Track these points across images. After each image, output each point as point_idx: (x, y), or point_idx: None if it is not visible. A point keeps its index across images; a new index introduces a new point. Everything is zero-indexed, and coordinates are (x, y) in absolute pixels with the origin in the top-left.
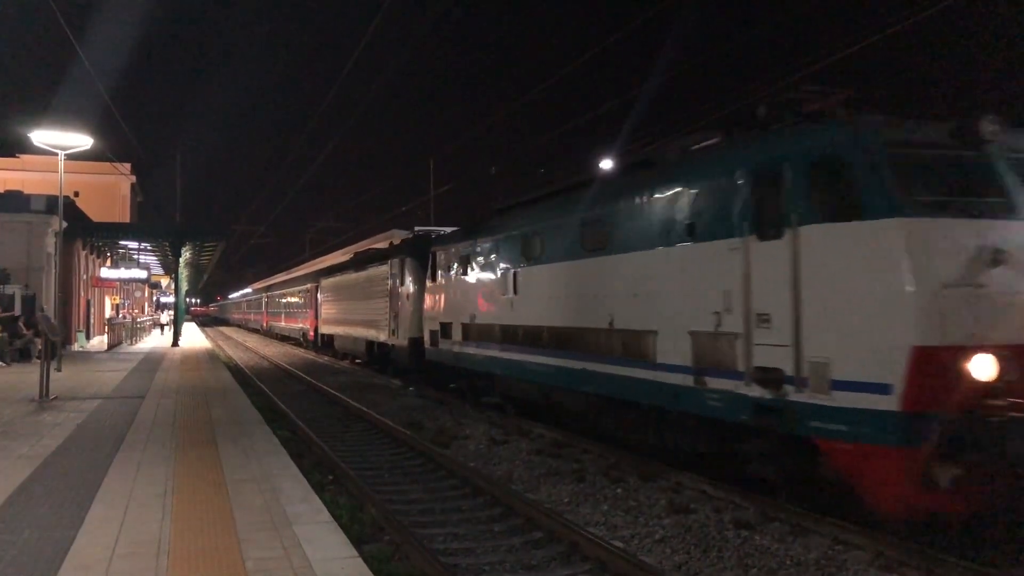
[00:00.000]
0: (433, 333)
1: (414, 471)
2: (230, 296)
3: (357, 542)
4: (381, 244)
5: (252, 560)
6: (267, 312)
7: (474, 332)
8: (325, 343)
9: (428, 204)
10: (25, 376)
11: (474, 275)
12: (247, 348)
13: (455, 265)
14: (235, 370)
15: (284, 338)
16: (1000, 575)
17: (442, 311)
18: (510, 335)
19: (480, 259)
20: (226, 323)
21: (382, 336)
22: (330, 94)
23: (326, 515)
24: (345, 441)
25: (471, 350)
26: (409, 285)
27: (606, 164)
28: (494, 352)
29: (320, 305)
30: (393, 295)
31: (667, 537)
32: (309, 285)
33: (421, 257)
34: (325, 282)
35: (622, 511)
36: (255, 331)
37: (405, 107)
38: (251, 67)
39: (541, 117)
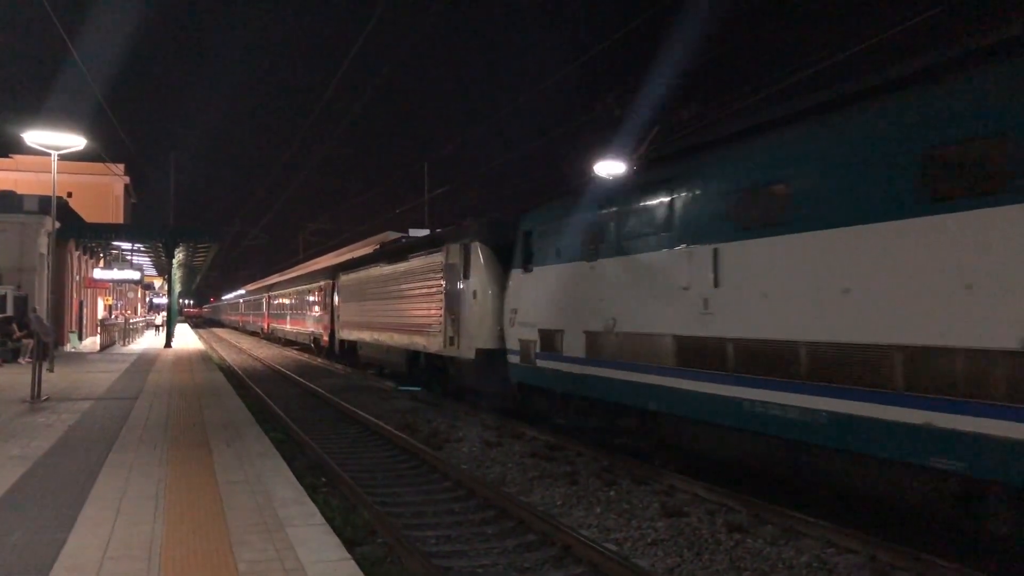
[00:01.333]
0: (526, 344)
1: (407, 473)
2: (224, 297)
3: (350, 544)
4: (376, 245)
5: (244, 562)
6: (269, 314)
7: (613, 346)
8: (345, 351)
9: (422, 207)
10: (17, 377)
11: (613, 259)
12: (240, 350)
13: (574, 245)
14: (228, 372)
15: (289, 343)
16: None
17: (544, 313)
18: (700, 353)
19: (627, 233)
20: (220, 325)
21: (433, 346)
22: (325, 96)
23: (319, 517)
24: (338, 443)
25: (606, 372)
26: (478, 278)
27: (605, 167)
28: (659, 378)
29: (338, 306)
30: (452, 292)
31: (660, 540)
32: (323, 282)
33: (497, 241)
34: (345, 278)
35: (615, 514)
36: (253, 334)
37: (400, 109)
38: (245, 68)
39: (537, 118)
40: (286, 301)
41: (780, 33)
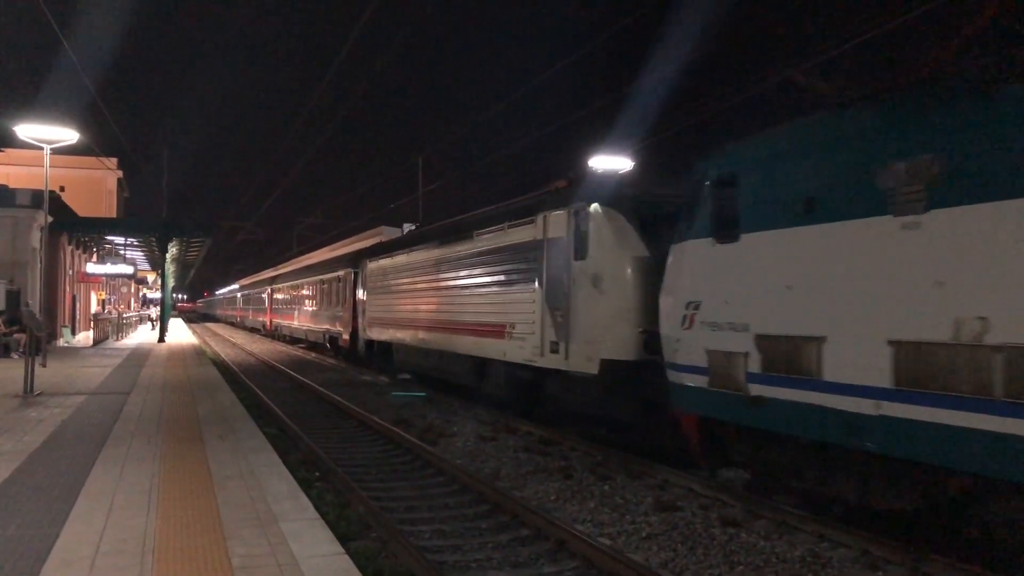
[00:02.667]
0: (723, 358)
1: (401, 468)
2: (219, 292)
3: (343, 539)
4: (366, 242)
5: (238, 557)
6: (272, 308)
7: (977, 369)
8: (373, 353)
9: (417, 202)
10: (9, 372)
11: (987, 206)
12: (234, 344)
13: (859, 189)
14: (222, 367)
15: (295, 340)
16: (985, 574)
17: (773, 308)
18: None
19: None
20: (214, 320)
21: (520, 353)
22: (318, 90)
23: (312, 512)
24: (332, 438)
25: (954, 417)
26: (604, 257)
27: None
28: None
29: (364, 299)
30: (553, 279)
31: (654, 534)
32: (341, 272)
33: (632, 202)
34: (374, 266)
35: (609, 508)
36: (253, 330)
37: (394, 104)
38: (239, 62)
39: (531, 115)
40: (294, 294)
41: None
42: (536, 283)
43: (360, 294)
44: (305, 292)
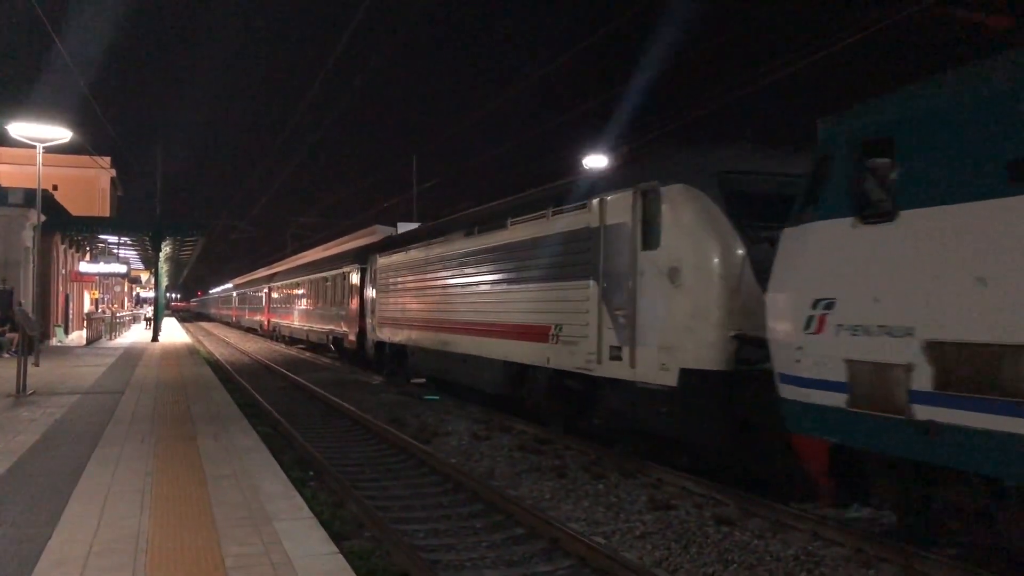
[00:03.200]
0: (868, 372)
1: (395, 467)
2: (213, 291)
3: (337, 538)
4: (363, 240)
5: (231, 556)
6: (269, 308)
7: None
8: (384, 356)
9: (411, 200)
10: (1, 371)
11: None
12: (228, 344)
13: None
14: (215, 366)
15: (295, 341)
16: (979, 571)
17: (958, 307)
18: None
19: None
20: (208, 319)
21: (572, 360)
22: (312, 89)
23: (306, 511)
24: (326, 437)
25: None
26: (685, 246)
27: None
28: None
29: (374, 297)
30: (614, 273)
31: (648, 533)
32: (347, 268)
33: (719, 183)
34: (386, 261)
35: (603, 507)
36: (250, 330)
37: (388, 102)
38: (233, 60)
39: (527, 113)
40: (294, 292)
41: None
42: (590, 278)
43: (369, 292)
44: (307, 290)
